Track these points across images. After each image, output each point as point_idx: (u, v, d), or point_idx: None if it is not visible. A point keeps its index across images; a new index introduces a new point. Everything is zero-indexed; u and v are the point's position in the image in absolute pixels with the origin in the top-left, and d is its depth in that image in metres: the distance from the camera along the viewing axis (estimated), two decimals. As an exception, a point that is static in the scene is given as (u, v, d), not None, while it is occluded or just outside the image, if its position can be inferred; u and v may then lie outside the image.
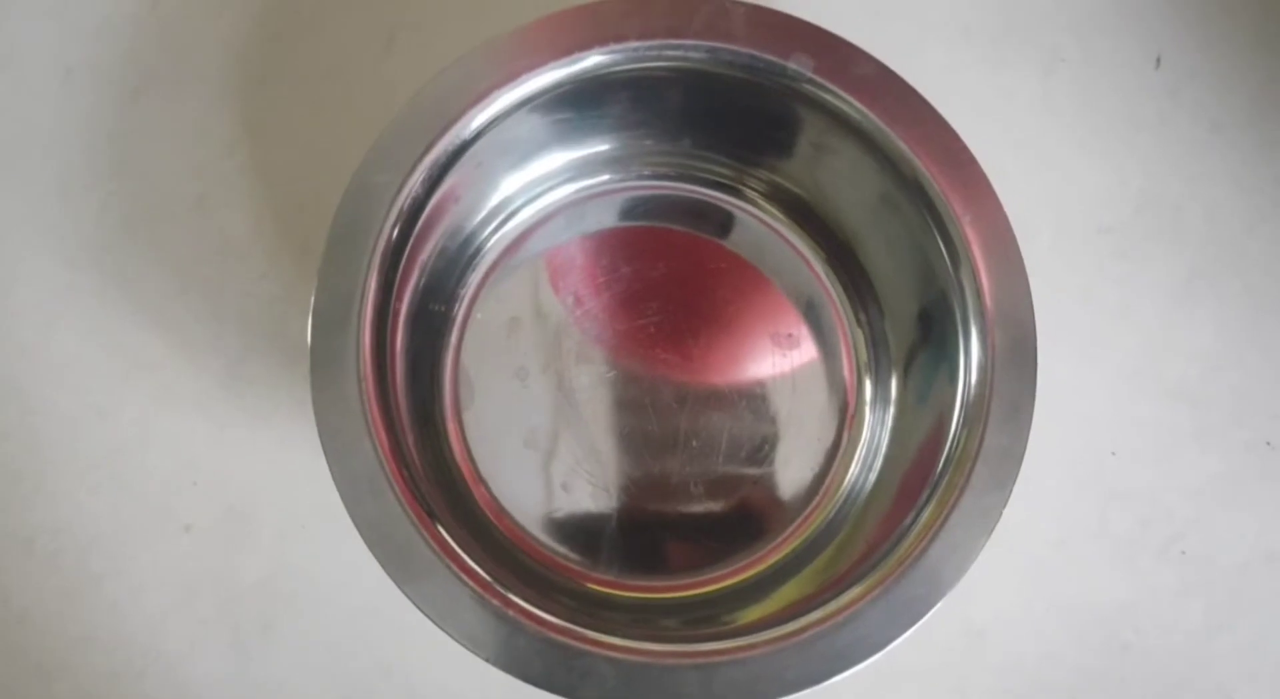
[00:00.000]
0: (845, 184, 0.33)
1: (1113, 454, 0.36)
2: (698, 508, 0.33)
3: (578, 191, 0.35)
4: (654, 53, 0.31)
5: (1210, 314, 0.37)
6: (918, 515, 0.28)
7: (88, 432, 0.35)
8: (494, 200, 0.34)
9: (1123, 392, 0.37)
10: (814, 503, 0.33)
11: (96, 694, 0.34)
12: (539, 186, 0.34)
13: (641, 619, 0.31)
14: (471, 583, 0.26)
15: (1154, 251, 0.38)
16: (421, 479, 0.28)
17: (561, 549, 0.32)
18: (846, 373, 0.34)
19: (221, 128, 0.37)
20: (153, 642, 0.34)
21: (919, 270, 0.32)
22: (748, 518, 0.33)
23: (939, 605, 0.27)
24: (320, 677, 0.34)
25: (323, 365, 0.27)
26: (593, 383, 0.34)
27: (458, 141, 0.29)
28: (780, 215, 0.35)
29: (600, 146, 0.34)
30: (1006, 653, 0.35)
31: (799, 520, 0.33)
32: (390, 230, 0.28)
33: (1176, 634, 0.35)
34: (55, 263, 0.36)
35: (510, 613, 0.26)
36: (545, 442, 0.33)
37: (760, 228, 0.35)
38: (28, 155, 0.37)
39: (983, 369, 0.29)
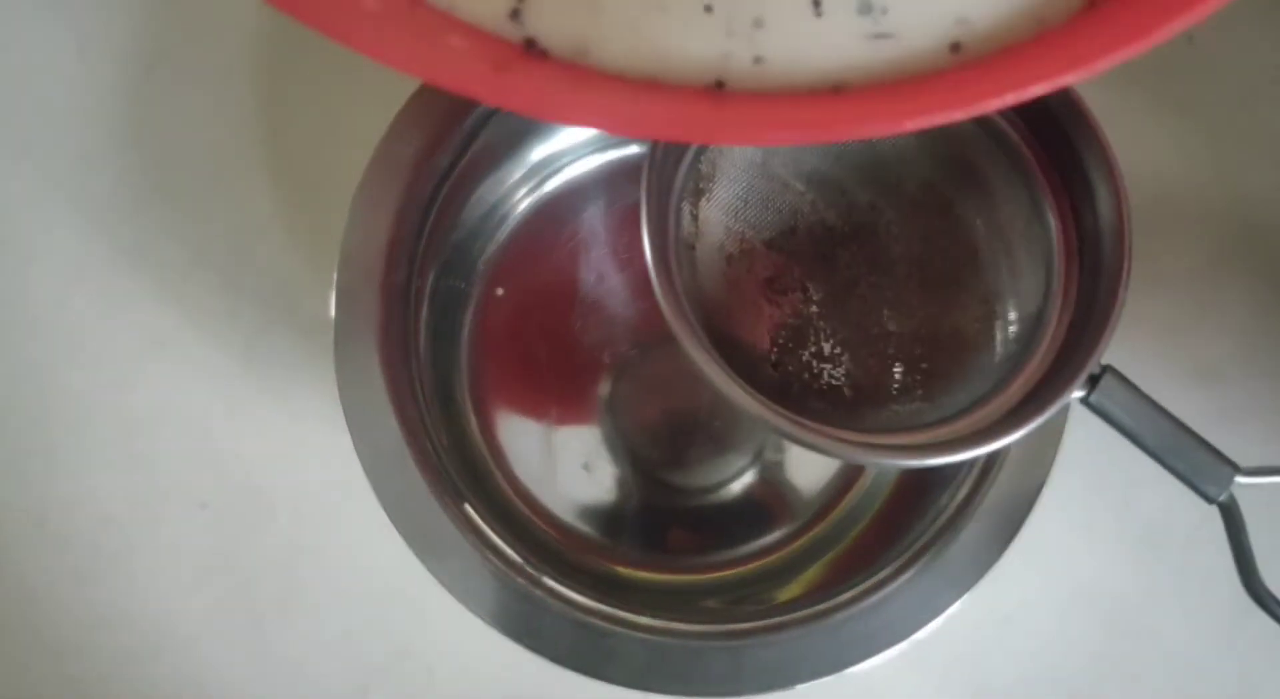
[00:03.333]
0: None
1: (1139, 438, 0.36)
2: (721, 491, 0.33)
3: (604, 164, 0.34)
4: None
5: (1240, 293, 0.37)
6: (952, 497, 0.28)
7: (101, 408, 0.35)
8: (519, 172, 0.33)
9: (1149, 375, 0.36)
10: (839, 486, 0.33)
11: (110, 674, 0.33)
12: (566, 158, 0.34)
13: (662, 601, 0.31)
14: (497, 561, 0.26)
15: (1181, 232, 0.37)
16: (445, 455, 0.27)
17: (583, 529, 0.32)
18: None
19: (238, 101, 0.37)
20: (168, 621, 0.34)
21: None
22: (770, 501, 0.33)
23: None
24: (337, 657, 0.33)
25: (346, 340, 0.27)
26: (614, 361, 0.33)
27: (485, 110, 0.29)
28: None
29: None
30: (1030, 639, 0.35)
31: (824, 504, 0.32)
32: (414, 203, 0.28)
33: (1201, 621, 0.35)
34: (69, 238, 0.36)
35: (537, 592, 0.26)
36: (567, 420, 0.33)
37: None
38: (42, 130, 0.36)
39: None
